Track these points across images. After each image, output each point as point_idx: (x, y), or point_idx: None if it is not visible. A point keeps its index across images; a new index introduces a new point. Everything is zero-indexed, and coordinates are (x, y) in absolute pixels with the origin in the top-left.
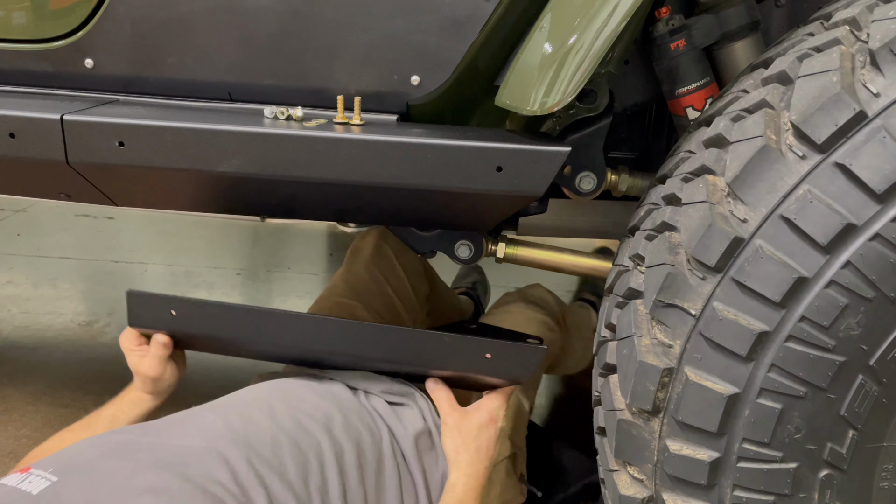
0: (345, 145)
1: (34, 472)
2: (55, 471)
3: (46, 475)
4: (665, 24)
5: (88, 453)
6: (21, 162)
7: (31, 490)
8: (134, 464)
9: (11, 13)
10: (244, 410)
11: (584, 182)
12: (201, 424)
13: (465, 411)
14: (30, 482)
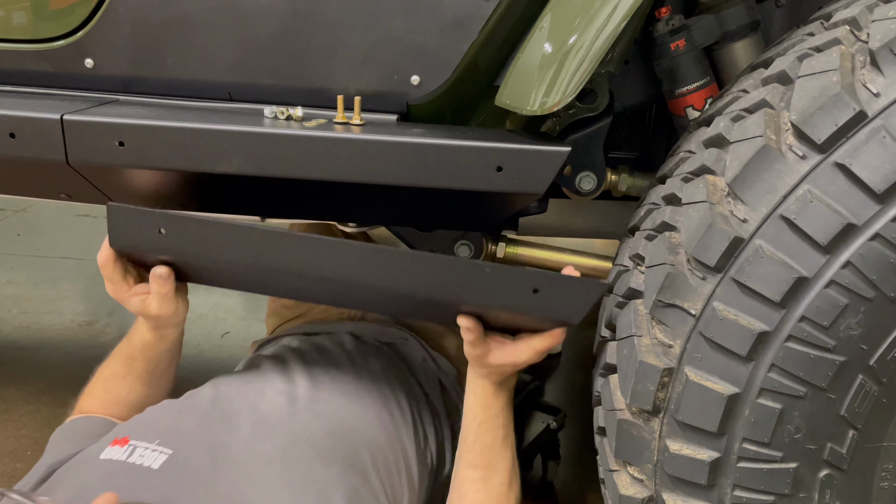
0: (345, 145)
1: (136, 443)
2: (162, 442)
3: (155, 447)
4: (665, 24)
5: (188, 422)
6: (21, 162)
7: (150, 464)
8: (242, 433)
9: (11, 13)
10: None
11: (584, 182)
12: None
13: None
14: (141, 455)
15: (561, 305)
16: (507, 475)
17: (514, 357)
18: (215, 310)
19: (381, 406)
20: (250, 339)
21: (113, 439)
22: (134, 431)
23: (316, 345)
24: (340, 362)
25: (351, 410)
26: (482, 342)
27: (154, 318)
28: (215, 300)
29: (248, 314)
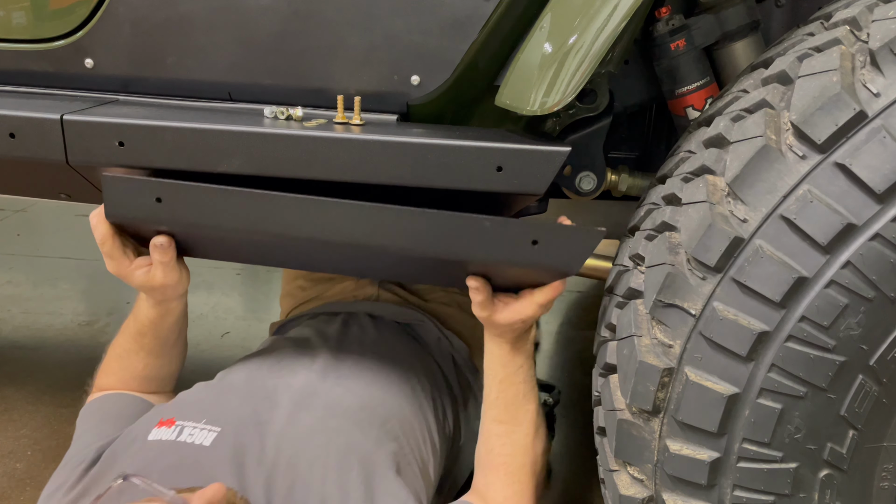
0: (345, 145)
1: (183, 423)
2: (209, 420)
3: (203, 426)
4: (665, 24)
5: (230, 401)
6: (21, 162)
7: (202, 442)
8: (283, 409)
9: (11, 13)
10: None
11: (584, 182)
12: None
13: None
14: (190, 434)
15: (560, 255)
16: (530, 428)
17: (519, 314)
18: (215, 310)
19: (403, 381)
20: (250, 339)
21: (158, 421)
22: (179, 412)
23: (338, 324)
24: (363, 341)
25: (378, 385)
26: (490, 302)
27: (159, 290)
28: (215, 300)
29: (248, 314)
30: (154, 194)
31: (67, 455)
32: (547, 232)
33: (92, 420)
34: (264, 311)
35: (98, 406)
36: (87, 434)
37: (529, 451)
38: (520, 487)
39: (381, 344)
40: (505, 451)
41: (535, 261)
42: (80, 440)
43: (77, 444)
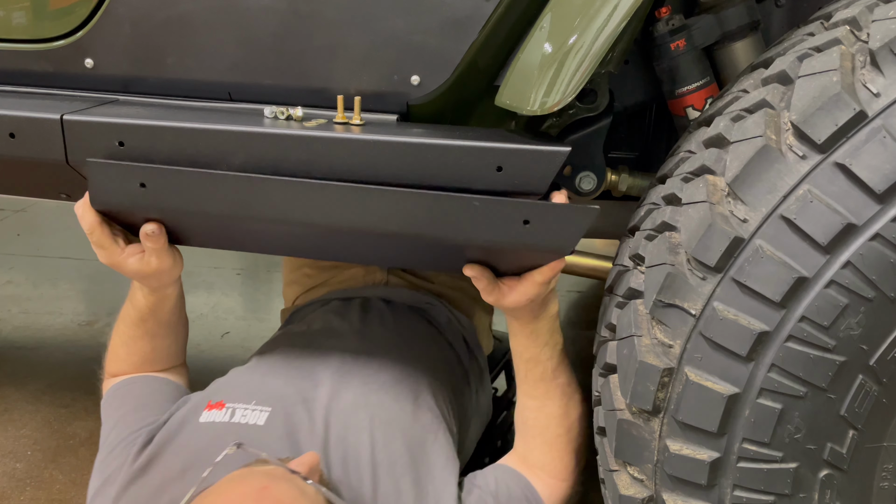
0: (345, 145)
1: (233, 405)
2: (258, 402)
3: (254, 407)
4: (665, 24)
5: (274, 382)
6: (21, 162)
7: (255, 422)
8: (325, 386)
9: (11, 13)
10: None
11: (584, 182)
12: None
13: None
14: (243, 415)
15: (554, 235)
16: (562, 400)
17: (524, 295)
18: (215, 310)
19: (424, 360)
20: (250, 339)
21: (206, 404)
22: (227, 396)
23: (357, 309)
24: (384, 323)
25: (404, 363)
26: (494, 288)
27: (155, 277)
28: (215, 300)
29: (248, 314)
30: (138, 179)
31: (109, 441)
32: (539, 211)
33: (126, 405)
34: (264, 311)
35: (126, 391)
36: (128, 418)
37: (563, 422)
38: (557, 454)
39: (400, 326)
40: (539, 423)
41: (527, 241)
42: (121, 425)
43: (119, 429)
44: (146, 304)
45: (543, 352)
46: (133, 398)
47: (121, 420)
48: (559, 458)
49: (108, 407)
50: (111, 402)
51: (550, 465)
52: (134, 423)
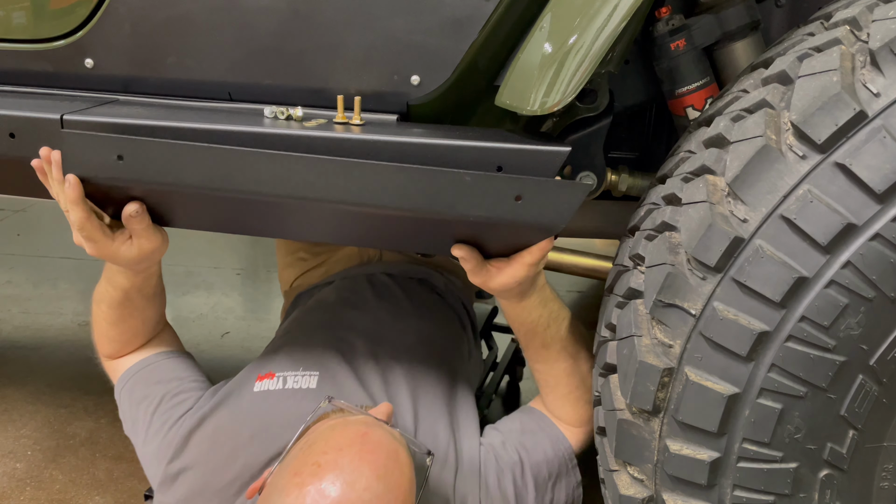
0: (345, 145)
1: (283, 374)
2: (305, 368)
3: (302, 373)
4: (665, 24)
5: (315, 349)
6: (21, 162)
7: (308, 386)
8: (360, 348)
9: (11, 13)
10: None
11: (584, 182)
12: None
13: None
14: (295, 382)
15: (545, 211)
16: (567, 361)
17: (513, 277)
18: (215, 310)
19: (437, 322)
20: (250, 339)
21: (255, 377)
22: (275, 366)
23: (364, 283)
24: (393, 292)
25: (421, 325)
26: (481, 270)
27: (146, 259)
28: (215, 300)
29: (247, 314)
30: (114, 151)
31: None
32: (530, 186)
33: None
34: (264, 311)
35: (147, 376)
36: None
37: (573, 378)
38: (572, 406)
39: (408, 294)
40: (550, 382)
41: (518, 217)
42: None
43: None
44: (132, 285)
45: (539, 323)
46: (162, 379)
47: (162, 400)
48: (573, 409)
49: (132, 390)
50: (136, 387)
51: (566, 416)
52: (176, 406)
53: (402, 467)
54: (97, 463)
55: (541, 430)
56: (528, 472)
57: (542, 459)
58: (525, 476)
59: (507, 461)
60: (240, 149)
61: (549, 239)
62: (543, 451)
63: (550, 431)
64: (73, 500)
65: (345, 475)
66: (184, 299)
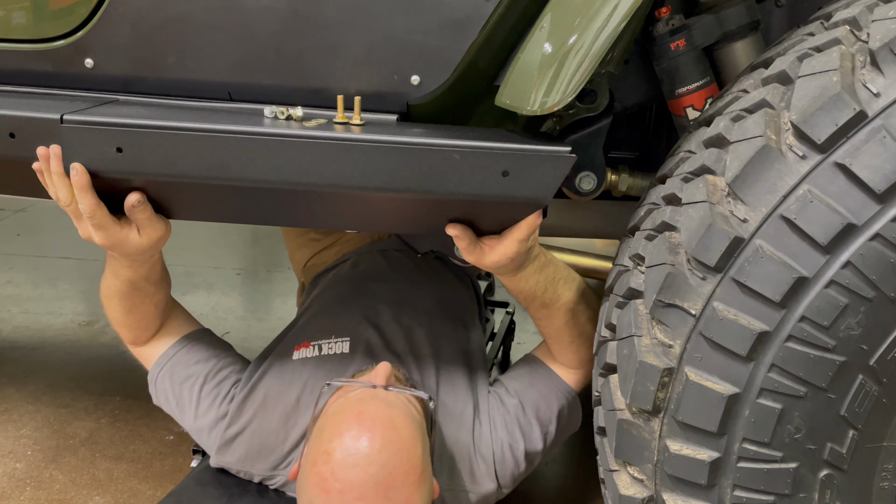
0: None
1: (317, 342)
2: (336, 335)
3: (335, 340)
4: (665, 24)
5: (343, 317)
6: (21, 162)
7: (342, 351)
8: (385, 313)
9: (11, 13)
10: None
11: (584, 182)
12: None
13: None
14: (330, 348)
15: (532, 184)
16: (567, 316)
17: (504, 254)
18: (215, 310)
19: (451, 290)
20: (250, 339)
21: (293, 347)
22: (309, 336)
23: (379, 257)
24: (406, 265)
25: (438, 292)
26: (475, 248)
27: (152, 248)
28: (215, 300)
29: (248, 314)
30: (115, 143)
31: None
32: (517, 161)
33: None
34: (264, 311)
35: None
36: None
37: (574, 328)
38: (573, 355)
39: (420, 266)
40: (552, 334)
41: (507, 192)
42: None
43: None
44: (138, 275)
45: (537, 288)
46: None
47: (207, 378)
48: (575, 354)
49: (175, 374)
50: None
51: (567, 360)
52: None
53: (399, 430)
54: (97, 463)
55: (538, 373)
56: (529, 411)
57: (539, 398)
58: (527, 414)
59: (512, 404)
60: (233, 135)
61: (537, 214)
62: (538, 391)
63: (548, 375)
64: (73, 500)
65: (351, 458)
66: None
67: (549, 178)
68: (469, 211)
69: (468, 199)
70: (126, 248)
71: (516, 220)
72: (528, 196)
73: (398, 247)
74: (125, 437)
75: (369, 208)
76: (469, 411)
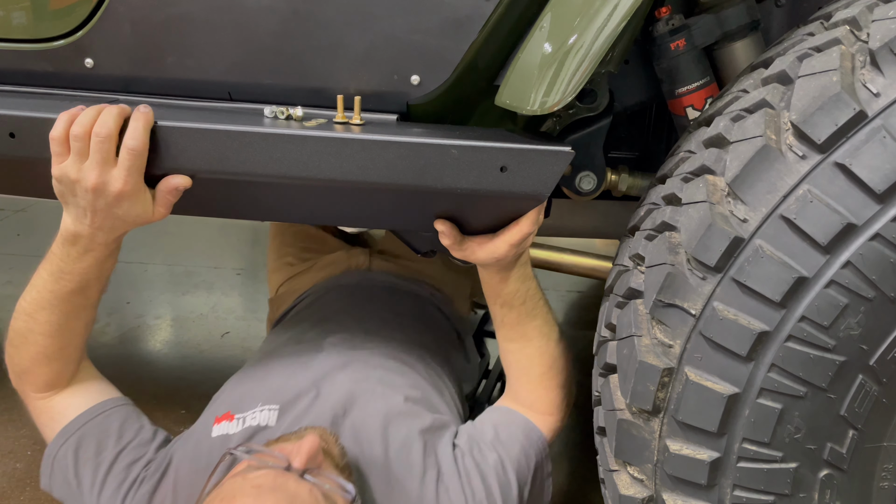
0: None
1: (241, 415)
2: (264, 402)
3: (261, 408)
4: (665, 24)
5: (275, 381)
6: (21, 162)
7: (268, 423)
8: (327, 371)
9: (11, 13)
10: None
11: (584, 182)
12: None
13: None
14: (254, 419)
15: (529, 180)
16: (541, 340)
17: (492, 253)
18: (215, 310)
19: (418, 334)
20: (250, 339)
21: (213, 420)
22: (233, 407)
23: (345, 294)
24: (374, 302)
25: (400, 336)
26: (462, 245)
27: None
28: (215, 300)
29: (248, 314)
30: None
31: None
32: (515, 157)
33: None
34: (264, 311)
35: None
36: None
37: (544, 360)
38: (544, 391)
39: (391, 306)
40: (522, 364)
41: (504, 188)
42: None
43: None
44: (95, 264)
45: (516, 297)
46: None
47: (117, 459)
48: (546, 395)
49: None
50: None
51: (538, 402)
52: (131, 464)
53: None
54: None
55: (513, 423)
56: (508, 467)
57: (520, 452)
58: (507, 472)
59: (489, 461)
60: (232, 130)
61: (531, 221)
62: (520, 443)
63: (522, 423)
64: None
65: None
66: (184, 299)
67: (547, 173)
68: (464, 205)
69: (466, 193)
70: (130, 211)
71: (515, 217)
72: (526, 191)
73: (372, 281)
74: None
75: (359, 202)
76: (430, 479)
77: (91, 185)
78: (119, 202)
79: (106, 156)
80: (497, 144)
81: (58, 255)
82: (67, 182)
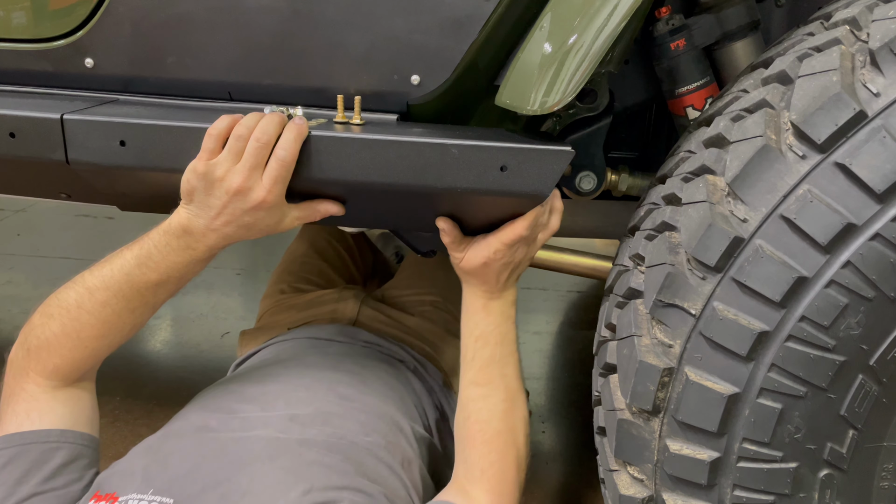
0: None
1: (126, 497)
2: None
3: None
4: (665, 24)
5: (180, 463)
6: (21, 162)
7: None
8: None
9: (11, 13)
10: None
11: (584, 182)
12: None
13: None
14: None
15: (530, 179)
16: (507, 394)
17: (486, 250)
18: (215, 310)
19: (382, 405)
20: None
21: (93, 494)
22: (120, 485)
23: (308, 346)
24: (342, 370)
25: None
26: (461, 243)
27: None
28: (215, 300)
29: (248, 314)
30: (117, 137)
31: None
32: (516, 156)
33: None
34: None
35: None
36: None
37: (508, 418)
38: (497, 457)
39: (359, 370)
40: (482, 416)
41: (504, 187)
42: None
43: None
44: (192, 259)
45: (494, 334)
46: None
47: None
48: (498, 464)
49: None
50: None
51: (489, 470)
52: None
53: None
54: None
55: None
56: None
57: None
58: None
59: None
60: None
61: (525, 223)
62: None
63: None
64: None
65: None
66: (184, 299)
67: (547, 173)
68: (464, 205)
69: (467, 192)
70: (262, 220)
71: (514, 215)
72: (526, 191)
73: (353, 338)
74: (125, 437)
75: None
76: None
77: (235, 188)
78: (256, 210)
79: (258, 161)
80: (497, 144)
81: (153, 242)
82: (209, 179)
